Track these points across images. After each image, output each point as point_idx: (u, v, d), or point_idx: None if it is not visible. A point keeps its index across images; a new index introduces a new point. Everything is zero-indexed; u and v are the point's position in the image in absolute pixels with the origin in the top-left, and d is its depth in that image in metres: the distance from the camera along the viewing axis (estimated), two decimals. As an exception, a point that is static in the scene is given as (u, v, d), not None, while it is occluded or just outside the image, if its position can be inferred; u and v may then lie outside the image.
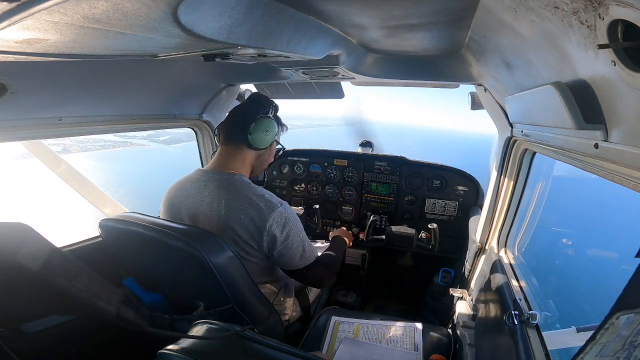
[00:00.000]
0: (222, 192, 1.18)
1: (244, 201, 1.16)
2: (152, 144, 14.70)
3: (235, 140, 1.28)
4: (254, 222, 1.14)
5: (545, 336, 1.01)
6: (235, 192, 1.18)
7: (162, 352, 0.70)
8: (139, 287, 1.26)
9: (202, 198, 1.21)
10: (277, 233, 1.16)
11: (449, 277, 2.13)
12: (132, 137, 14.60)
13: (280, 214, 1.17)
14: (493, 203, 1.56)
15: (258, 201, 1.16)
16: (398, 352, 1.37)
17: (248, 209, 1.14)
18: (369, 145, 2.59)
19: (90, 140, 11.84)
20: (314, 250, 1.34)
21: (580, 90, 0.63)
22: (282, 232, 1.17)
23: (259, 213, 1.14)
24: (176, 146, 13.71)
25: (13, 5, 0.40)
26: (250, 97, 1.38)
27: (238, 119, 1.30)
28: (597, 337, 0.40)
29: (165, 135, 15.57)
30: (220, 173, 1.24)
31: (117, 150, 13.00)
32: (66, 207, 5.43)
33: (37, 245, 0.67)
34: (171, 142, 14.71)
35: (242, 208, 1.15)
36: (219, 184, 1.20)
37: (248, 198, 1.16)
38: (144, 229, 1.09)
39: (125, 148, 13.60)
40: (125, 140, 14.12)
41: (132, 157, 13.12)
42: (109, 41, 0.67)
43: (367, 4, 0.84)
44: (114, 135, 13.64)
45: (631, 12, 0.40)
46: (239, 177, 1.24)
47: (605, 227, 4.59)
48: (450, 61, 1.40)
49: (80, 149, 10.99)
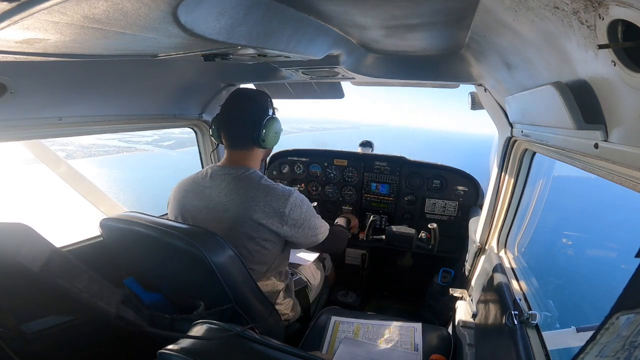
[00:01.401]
0: (241, 183, 1.24)
1: (262, 191, 1.22)
2: (156, 149, 14.73)
3: (247, 145, 1.31)
4: (273, 209, 1.21)
5: (545, 336, 1.00)
6: (253, 183, 1.25)
7: (162, 352, 0.70)
8: (139, 286, 1.26)
9: (219, 190, 1.25)
10: (297, 215, 1.26)
11: (449, 277, 2.12)
12: (137, 142, 14.67)
13: (295, 198, 1.26)
14: (493, 203, 1.56)
15: (275, 190, 1.24)
16: (398, 352, 1.37)
17: (267, 197, 1.21)
18: (369, 145, 2.59)
19: (95, 146, 11.86)
20: (326, 224, 1.46)
21: (580, 90, 0.63)
22: (302, 214, 1.28)
23: (278, 199, 1.22)
24: (180, 151, 13.77)
25: (13, 5, 0.40)
26: (244, 95, 1.32)
27: (246, 123, 1.28)
28: (597, 337, 0.40)
29: (169, 140, 15.68)
30: (236, 168, 1.29)
31: (121, 155, 13.00)
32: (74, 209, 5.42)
33: (37, 246, 0.67)
34: (175, 147, 14.76)
35: (261, 197, 1.21)
36: (235, 177, 1.26)
37: (265, 187, 1.24)
38: (144, 228, 1.09)
39: (130, 153, 13.62)
40: (130, 146, 14.17)
41: (137, 162, 13.10)
42: (109, 41, 0.67)
43: (367, 4, 0.84)
44: (119, 140, 13.69)
45: (631, 12, 0.40)
46: (254, 171, 1.30)
47: (605, 227, 4.59)
48: (450, 61, 1.40)
49: (84, 154, 10.99)
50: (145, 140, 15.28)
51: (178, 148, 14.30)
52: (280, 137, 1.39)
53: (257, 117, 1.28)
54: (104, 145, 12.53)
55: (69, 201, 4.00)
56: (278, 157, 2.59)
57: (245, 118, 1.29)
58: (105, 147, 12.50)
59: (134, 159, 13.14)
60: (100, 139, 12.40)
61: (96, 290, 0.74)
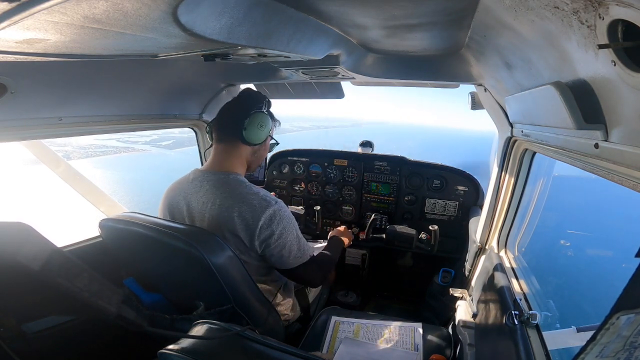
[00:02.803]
0: (217, 191, 1.18)
1: (237, 200, 1.16)
2: (154, 149, 14.72)
3: (230, 137, 1.26)
4: (246, 221, 1.14)
5: (545, 336, 1.00)
6: (230, 190, 1.18)
7: (162, 352, 0.70)
8: (139, 287, 1.26)
9: (197, 197, 1.21)
10: (270, 231, 1.16)
11: (449, 277, 2.12)
12: (135, 142, 14.67)
13: (274, 212, 1.16)
14: (493, 203, 1.56)
15: (252, 199, 1.16)
16: (398, 352, 1.37)
17: (241, 207, 1.14)
18: (369, 145, 2.59)
19: (93, 146, 11.87)
20: (309, 249, 1.33)
21: (580, 90, 0.63)
22: (276, 231, 1.16)
23: (252, 211, 1.14)
24: (178, 151, 13.76)
25: (13, 5, 0.40)
26: (241, 93, 1.35)
27: (231, 115, 1.27)
28: (597, 338, 0.40)
29: (168, 140, 15.68)
30: (216, 173, 1.23)
31: (119, 156, 12.98)
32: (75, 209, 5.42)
33: (37, 245, 0.67)
34: (173, 147, 14.76)
35: (236, 206, 1.14)
36: (214, 183, 1.21)
37: (242, 196, 1.16)
38: (144, 228, 1.09)
39: (128, 154, 13.60)
40: (127, 146, 14.17)
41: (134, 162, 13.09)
42: (109, 41, 0.67)
43: (367, 4, 0.84)
44: (117, 141, 13.70)
45: (631, 12, 0.40)
46: (234, 176, 1.23)
47: (605, 227, 4.59)
48: (450, 61, 1.40)
49: (81, 155, 10.96)
50: (143, 140, 15.28)
51: (176, 148, 14.31)
52: (267, 133, 1.29)
53: (244, 108, 1.26)
54: (102, 146, 12.53)
55: (70, 201, 4.01)
56: (278, 157, 2.59)
57: (232, 110, 1.28)
58: (103, 148, 12.50)
59: (130, 159, 13.14)
60: (98, 139, 12.42)
61: (97, 290, 0.74)
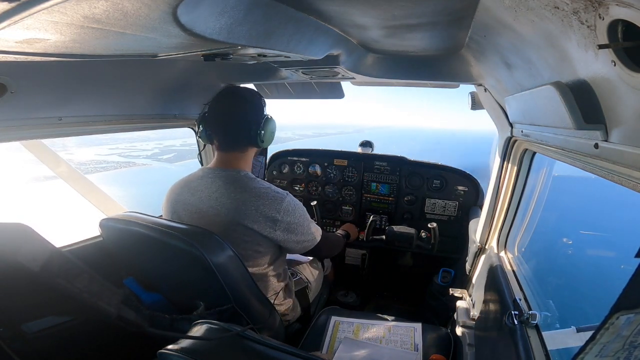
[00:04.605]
0: (231, 187, 1.22)
1: (253, 194, 1.20)
2: (155, 163, 14.73)
3: (241, 147, 1.29)
4: (265, 214, 1.19)
5: (545, 336, 1.00)
6: (243, 185, 1.22)
7: (162, 352, 0.70)
8: (139, 287, 1.26)
9: (209, 194, 1.23)
10: (290, 220, 1.23)
11: (449, 277, 2.12)
12: (136, 157, 14.74)
13: (288, 203, 1.24)
14: (493, 203, 1.56)
15: (266, 193, 1.22)
16: (398, 352, 1.37)
17: (258, 202, 1.19)
18: (369, 145, 2.59)
19: (93, 162, 11.87)
20: (319, 228, 1.44)
21: (580, 90, 0.63)
22: (295, 219, 1.25)
23: (270, 204, 1.20)
24: (179, 164, 13.75)
25: (13, 5, 0.40)
26: (237, 95, 1.29)
27: (243, 125, 1.27)
28: (597, 337, 0.40)
29: (169, 154, 15.81)
30: (226, 170, 1.27)
31: (120, 171, 12.91)
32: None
33: (37, 246, 0.67)
34: (174, 161, 14.79)
35: (252, 201, 1.19)
36: (226, 180, 1.24)
37: (257, 191, 1.21)
38: (144, 228, 1.09)
39: (129, 169, 13.55)
40: (129, 161, 14.24)
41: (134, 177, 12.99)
42: (109, 41, 0.67)
43: (367, 4, 0.84)
44: (118, 156, 13.74)
45: (631, 12, 0.40)
46: (244, 173, 1.27)
47: (605, 226, 4.59)
48: (450, 61, 1.40)
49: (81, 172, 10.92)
50: (144, 154, 15.38)
51: (177, 161, 14.30)
52: (275, 138, 1.39)
53: (254, 118, 1.27)
54: (102, 162, 12.55)
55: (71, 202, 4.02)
56: (278, 157, 2.59)
57: (241, 120, 1.26)
58: (103, 164, 12.50)
59: (131, 174, 13.05)
60: (99, 155, 12.46)
61: (96, 290, 0.74)
